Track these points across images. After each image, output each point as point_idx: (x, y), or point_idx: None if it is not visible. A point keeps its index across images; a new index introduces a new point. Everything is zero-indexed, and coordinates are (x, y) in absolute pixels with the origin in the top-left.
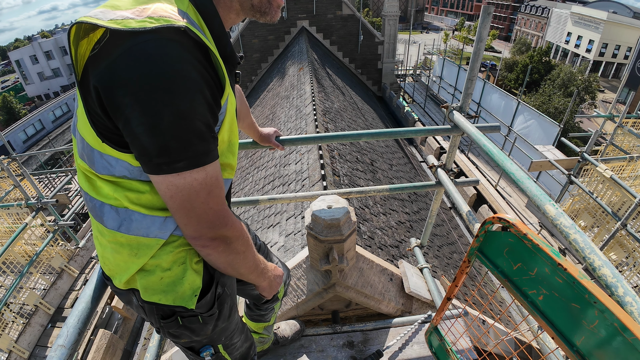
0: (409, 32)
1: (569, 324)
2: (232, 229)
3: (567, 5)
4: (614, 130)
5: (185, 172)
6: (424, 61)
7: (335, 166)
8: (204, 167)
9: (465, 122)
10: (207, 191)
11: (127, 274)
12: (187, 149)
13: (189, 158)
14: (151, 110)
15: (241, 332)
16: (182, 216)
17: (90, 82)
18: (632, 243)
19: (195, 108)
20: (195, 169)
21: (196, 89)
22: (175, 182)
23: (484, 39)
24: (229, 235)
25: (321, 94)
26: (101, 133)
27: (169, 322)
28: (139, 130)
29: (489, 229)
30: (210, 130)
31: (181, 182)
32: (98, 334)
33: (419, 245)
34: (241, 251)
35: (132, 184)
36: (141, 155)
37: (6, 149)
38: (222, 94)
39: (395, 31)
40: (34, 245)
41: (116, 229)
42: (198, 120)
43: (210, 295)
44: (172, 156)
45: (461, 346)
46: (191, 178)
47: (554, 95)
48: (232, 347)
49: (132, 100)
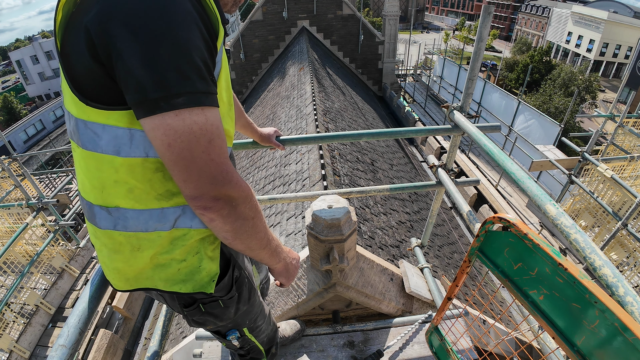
0: (410, 32)
1: (570, 323)
2: (238, 187)
3: (568, 5)
4: (614, 130)
5: (184, 111)
6: (425, 61)
7: (335, 166)
8: (204, 109)
9: (466, 122)
10: (209, 139)
11: (132, 271)
12: (186, 83)
13: (189, 93)
14: (147, 39)
15: (264, 316)
16: (181, 170)
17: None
18: (632, 243)
19: (193, 40)
20: (195, 107)
21: (192, 20)
22: (174, 124)
23: (484, 39)
24: (234, 196)
25: (322, 93)
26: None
27: (192, 310)
28: (133, 62)
29: (490, 229)
30: (208, 70)
31: (180, 124)
32: (99, 333)
33: (419, 245)
34: (249, 217)
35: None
36: (135, 93)
37: (7, 149)
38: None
39: (395, 31)
40: (34, 245)
41: (112, 228)
42: (196, 54)
43: (228, 278)
44: (171, 89)
45: (462, 346)
46: (191, 120)
47: (554, 95)
48: (257, 330)
49: (126, 31)
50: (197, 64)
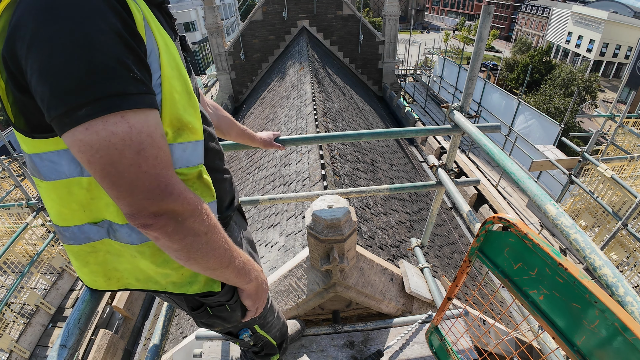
0: (410, 32)
1: (570, 323)
2: (181, 200)
3: (568, 5)
4: (614, 130)
5: (95, 122)
6: (425, 61)
7: (335, 166)
8: (125, 115)
9: (466, 122)
10: (136, 150)
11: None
12: (89, 89)
13: (93, 101)
14: (41, 49)
15: (273, 311)
16: (109, 187)
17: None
18: (632, 243)
19: (95, 37)
20: (108, 115)
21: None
22: (87, 139)
23: (484, 39)
24: (178, 210)
25: (322, 93)
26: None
27: (200, 313)
28: (33, 80)
29: (490, 229)
30: (126, 67)
31: (94, 138)
32: (99, 333)
33: (419, 245)
34: (201, 232)
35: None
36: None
37: (7, 149)
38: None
39: (395, 31)
40: (34, 245)
41: (107, 237)
42: (100, 51)
43: None
44: (69, 101)
45: (462, 346)
46: (107, 132)
47: (554, 95)
48: (268, 326)
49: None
50: (103, 64)
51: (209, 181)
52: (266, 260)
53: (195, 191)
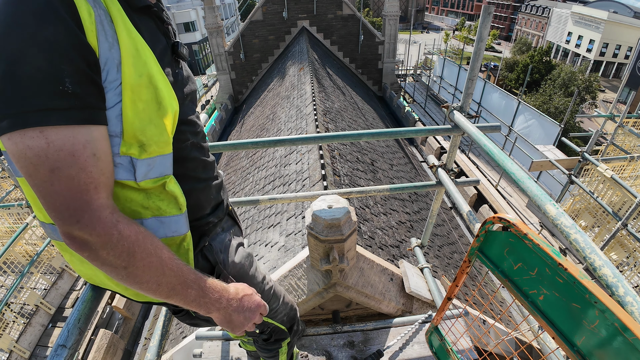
0: (410, 32)
1: (570, 324)
2: (90, 230)
3: (568, 5)
4: (614, 130)
5: (13, 134)
6: (425, 61)
7: (335, 166)
8: (43, 130)
9: (466, 122)
10: (50, 167)
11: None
12: (10, 102)
13: (13, 115)
14: None
15: (277, 298)
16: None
17: None
18: (632, 243)
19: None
20: (26, 129)
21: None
22: (9, 148)
23: (484, 39)
24: (87, 239)
25: (322, 94)
26: None
27: (182, 316)
28: None
29: (490, 229)
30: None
31: (14, 149)
32: (99, 333)
33: (419, 245)
34: (118, 265)
35: None
36: None
37: None
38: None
39: (395, 31)
40: (34, 245)
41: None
42: (28, 64)
43: None
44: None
45: (462, 346)
46: (23, 145)
47: (554, 95)
48: (273, 312)
49: None
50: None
51: (176, 192)
52: (266, 260)
53: (161, 202)
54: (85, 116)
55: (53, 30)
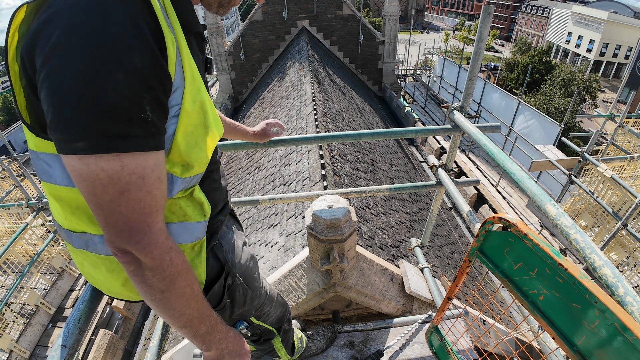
0: (410, 32)
1: (570, 324)
2: (146, 252)
3: (568, 5)
4: (614, 130)
5: (88, 157)
6: (425, 61)
7: (335, 166)
8: (120, 156)
9: (466, 122)
10: (120, 190)
11: (114, 287)
12: (91, 126)
13: (92, 138)
14: (54, 69)
15: (271, 301)
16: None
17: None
18: (632, 243)
19: (114, 72)
20: (102, 154)
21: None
22: (77, 167)
23: (484, 39)
24: (142, 260)
25: (322, 94)
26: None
27: None
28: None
29: (490, 229)
30: (138, 108)
31: (84, 169)
32: (99, 333)
33: (419, 245)
34: (158, 288)
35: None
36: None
37: (7, 149)
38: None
39: (395, 31)
40: (34, 245)
41: (85, 249)
42: (114, 90)
43: (219, 286)
44: (70, 132)
45: (462, 346)
46: (97, 167)
47: (554, 95)
48: (265, 316)
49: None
50: (114, 102)
51: (202, 199)
52: (266, 260)
53: (187, 208)
54: (157, 143)
55: (140, 58)
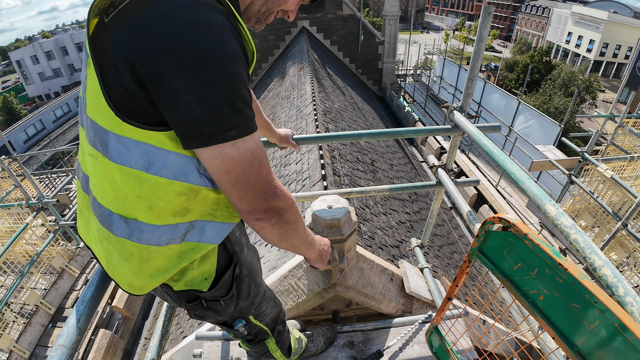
0: (410, 32)
1: (570, 324)
2: (284, 199)
3: (568, 5)
4: (614, 130)
5: (238, 141)
6: (425, 61)
7: (335, 166)
8: (253, 135)
9: (466, 122)
10: (259, 161)
11: (137, 280)
12: (238, 115)
13: (240, 125)
14: (201, 77)
15: (268, 300)
16: (237, 191)
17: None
18: (632, 243)
19: (241, 74)
20: (246, 136)
21: (238, 54)
22: (231, 154)
23: (484, 39)
24: (281, 206)
25: (322, 94)
26: (123, 110)
27: (195, 305)
28: (189, 99)
29: (490, 229)
30: (251, 99)
31: (236, 153)
32: (99, 333)
33: (419, 245)
34: (293, 221)
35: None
36: (192, 126)
37: (7, 149)
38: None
39: (395, 31)
40: (34, 245)
41: (127, 237)
42: (244, 86)
43: (228, 276)
44: (226, 123)
45: (462, 346)
46: (244, 148)
47: (554, 95)
48: (262, 315)
49: (179, 68)
50: (245, 95)
51: None
52: (266, 260)
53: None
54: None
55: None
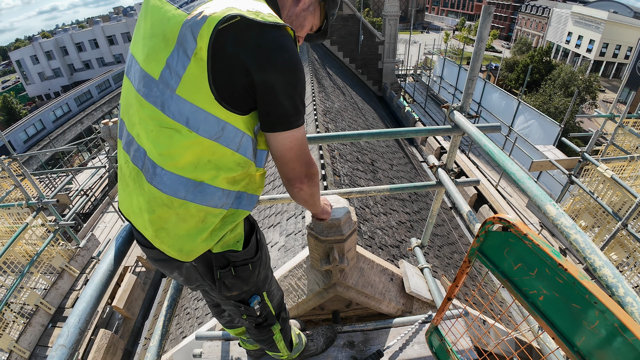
0: (410, 32)
1: (570, 324)
2: (315, 168)
3: (568, 5)
4: (614, 130)
5: (301, 127)
6: (425, 61)
7: (335, 166)
8: (303, 126)
9: (466, 122)
10: (306, 142)
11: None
12: (303, 110)
13: (302, 116)
14: (292, 84)
15: (275, 281)
16: (294, 161)
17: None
18: (632, 243)
19: (305, 81)
20: (301, 126)
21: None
22: (297, 135)
23: (484, 39)
24: (314, 172)
25: (322, 93)
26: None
27: (225, 272)
28: (283, 98)
29: (490, 229)
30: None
31: (299, 135)
32: (99, 333)
33: (419, 245)
34: (317, 183)
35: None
36: (281, 116)
37: (7, 149)
38: None
39: (395, 31)
40: (34, 245)
41: (190, 200)
42: (304, 94)
43: (254, 239)
44: (300, 114)
45: (462, 346)
46: (303, 132)
47: (554, 95)
48: (271, 294)
49: (281, 77)
50: (304, 99)
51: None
52: None
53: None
54: None
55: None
